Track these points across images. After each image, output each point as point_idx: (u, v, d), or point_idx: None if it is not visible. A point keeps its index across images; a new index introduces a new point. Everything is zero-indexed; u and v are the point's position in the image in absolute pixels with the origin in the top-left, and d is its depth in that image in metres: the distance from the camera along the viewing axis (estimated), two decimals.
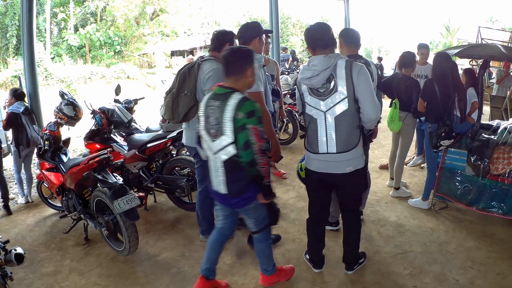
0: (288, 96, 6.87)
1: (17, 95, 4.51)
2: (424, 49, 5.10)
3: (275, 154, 2.80)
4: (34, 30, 4.93)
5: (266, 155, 2.35)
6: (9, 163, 5.32)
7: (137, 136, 4.05)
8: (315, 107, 2.43)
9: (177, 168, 4.09)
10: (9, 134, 4.98)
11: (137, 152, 3.84)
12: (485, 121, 4.21)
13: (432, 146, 3.65)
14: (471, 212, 3.67)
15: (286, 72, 9.98)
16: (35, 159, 4.25)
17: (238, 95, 2.19)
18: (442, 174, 3.83)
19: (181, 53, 25.91)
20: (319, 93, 2.39)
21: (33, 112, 4.68)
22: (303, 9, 49.01)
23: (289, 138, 6.51)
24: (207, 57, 3.01)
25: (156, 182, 4.02)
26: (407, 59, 4.16)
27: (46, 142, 3.77)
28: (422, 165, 5.13)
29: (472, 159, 3.59)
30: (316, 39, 2.42)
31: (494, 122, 3.82)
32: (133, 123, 4.73)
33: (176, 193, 3.90)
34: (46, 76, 15.74)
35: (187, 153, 4.20)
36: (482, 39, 10.56)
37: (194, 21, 28.01)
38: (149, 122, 5.72)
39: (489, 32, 11.84)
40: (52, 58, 20.13)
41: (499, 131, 3.58)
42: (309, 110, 2.48)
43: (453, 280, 2.74)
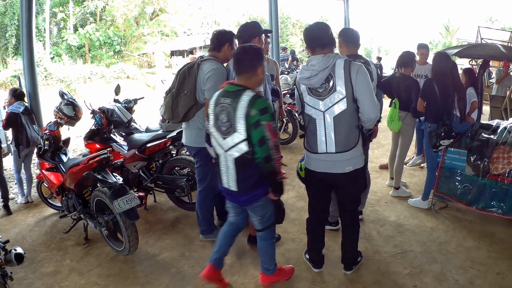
0: (288, 96, 6.88)
1: (17, 95, 4.51)
2: (424, 49, 5.11)
3: None
4: (34, 30, 4.93)
5: (279, 152, 2.37)
6: (9, 163, 5.32)
7: (137, 136, 4.05)
8: (314, 107, 2.43)
9: (177, 168, 4.09)
10: (9, 134, 4.98)
11: (137, 152, 3.84)
12: (485, 121, 4.21)
13: (432, 146, 3.65)
14: (471, 212, 3.67)
15: (286, 72, 9.99)
16: (35, 159, 4.25)
17: (250, 93, 2.22)
18: (442, 174, 3.83)
19: (181, 53, 25.90)
20: (318, 93, 2.39)
21: (33, 112, 4.68)
22: (303, 9, 48.96)
23: (289, 138, 6.52)
24: (207, 57, 3.01)
25: (156, 182, 4.02)
26: (407, 59, 4.17)
27: (46, 142, 3.77)
28: (422, 165, 5.14)
29: (472, 159, 3.59)
30: (315, 39, 2.42)
31: (494, 122, 3.82)
32: (133, 123, 4.73)
33: (176, 193, 3.90)
34: (46, 76, 15.73)
35: (187, 153, 4.21)
36: (482, 39, 10.56)
37: (194, 21, 27.99)
38: (149, 122, 5.72)
39: (489, 32, 11.83)
40: (52, 58, 20.11)
41: (499, 131, 3.58)
42: (308, 110, 2.48)
43: (453, 280, 2.74)
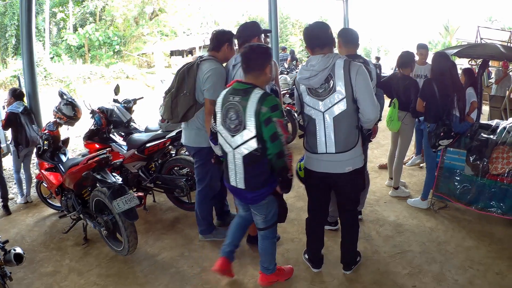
0: (287, 96, 6.87)
1: (16, 95, 4.51)
2: (423, 49, 5.12)
3: None
4: (33, 30, 4.93)
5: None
6: (9, 163, 5.32)
7: (136, 136, 4.05)
8: (314, 107, 2.43)
9: (176, 168, 4.09)
10: (8, 134, 4.97)
11: (136, 152, 3.84)
12: (484, 121, 4.21)
13: (431, 146, 3.65)
14: (470, 212, 3.67)
15: (285, 72, 9.97)
16: (34, 159, 4.24)
17: (260, 90, 2.25)
18: (441, 174, 3.83)
19: (180, 53, 25.87)
20: (318, 93, 2.39)
21: (32, 112, 4.68)
22: (302, 9, 48.93)
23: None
24: (206, 57, 3.01)
25: (155, 182, 4.02)
26: (406, 59, 4.18)
27: (45, 142, 3.77)
28: (421, 165, 5.14)
29: (471, 159, 3.59)
30: (315, 38, 2.41)
31: (493, 122, 3.82)
32: (132, 123, 4.73)
33: (175, 193, 3.90)
34: (45, 76, 15.70)
35: (186, 153, 4.20)
36: (481, 39, 10.57)
37: (193, 21, 27.95)
38: (148, 122, 5.71)
39: (488, 32, 11.84)
40: (51, 58, 20.06)
41: (498, 131, 3.58)
42: (308, 110, 2.48)
43: (452, 280, 2.74)
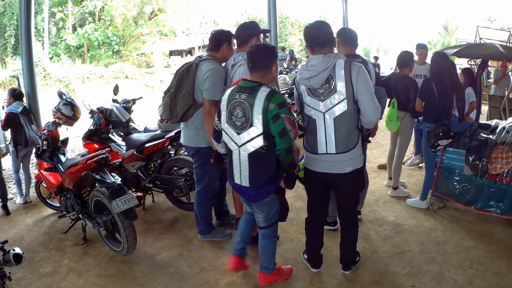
0: (286, 96, 6.87)
1: (16, 95, 4.50)
2: (423, 49, 5.12)
3: None
4: (32, 30, 4.93)
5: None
6: (8, 163, 5.31)
7: (135, 136, 4.04)
8: (314, 108, 2.42)
9: (175, 168, 4.08)
10: (8, 134, 4.97)
11: (135, 152, 3.84)
12: (483, 121, 4.22)
13: (430, 146, 3.65)
14: (469, 212, 3.68)
15: (284, 72, 9.97)
16: (34, 159, 4.24)
17: (266, 88, 2.27)
18: (441, 174, 3.83)
19: (180, 53, 25.86)
20: (318, 94, 2.39)
21: (32, 112, 4.67)
22: (302, 9, 48.86)
23: None
24: (205, 57, 3.01)
25: (154, 182, 4.01)
26: (405, 59, 4.18)
27: (45, 142, 3.76)
28: (420, 165, 5.14)
29: (471, 159, 3.59)
30: (315, 38, 2.41)
31: (493, 122, 3.82)
32: (131, 123, 4.72)
33: (174, 193, 3.90)
34: (45, 76, 15.70)
35: (185, 153, 4.20)
36: (481, 39, 10.60)
37: (193, 21, 27.91)
38: (147, 122, 5.71)
39: (488, 32, 11.88)
40: (51, 58, 20.04)
41: (498, 131, 3.58)
42: (308, 111, 2.47)
43: (452, 280, 2.75)
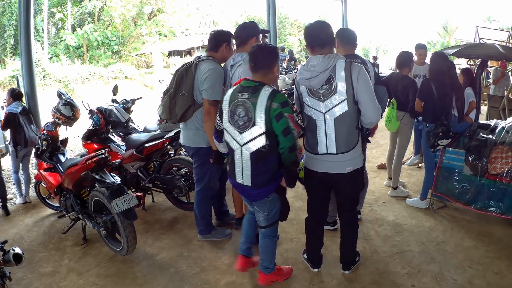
0: (286, 96, 6.86)
1: (15, 95, 4.50)
2: (422, 50, 5.13)
3: None
4: (32, 30, 4.93)
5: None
6: (7, 163, 5.31)
7: (135, 136, 4.04)
8: (314, 108, 2.42)
9: (175, 168, 4.08)
10: (7, 134, 4.96)
11: (135, 152, 3.84)
12: (483, 121, 4.22)
13: (430, 146, 3.66)
14: (469, 212, 3.68)
15: (284, 72, 9.97)
16: (33, 159, 4.23)
17: (269, 88, 2.29)
18: (440, 174, 3.83)
19: (179, 53, 25.86)
20: (319, 94, 2.39)
21: (31, 112, 4.68)
22: (301, 9, 48.94)
23: None
24: (205, 57, 3.00)
25: (154, 182, 4.01)
26: (404, 59, 4.18)
27: (44, 142, 3.76)
28: (420, 165, 5.14)
29: (470, 159, 3.60)
30: (315, 37, 2.40)
31: (492, 122, 3.82)
32: (131, 123, 4.72)
33: (174, 193, 3.90)
34: (44, 76, 15.70)
35: (185, 153, 4.20)
36: (480, 39, 10.61)
37: (192, 21, 27.89)
38: (147, 122, 5.71)
39: (487, 32, 11.90)
40: (50, 58, 20.06)
41: (497, 131, 3.59)
42: (308, 111, 2.47)
43: (451, 280, 2.75)
